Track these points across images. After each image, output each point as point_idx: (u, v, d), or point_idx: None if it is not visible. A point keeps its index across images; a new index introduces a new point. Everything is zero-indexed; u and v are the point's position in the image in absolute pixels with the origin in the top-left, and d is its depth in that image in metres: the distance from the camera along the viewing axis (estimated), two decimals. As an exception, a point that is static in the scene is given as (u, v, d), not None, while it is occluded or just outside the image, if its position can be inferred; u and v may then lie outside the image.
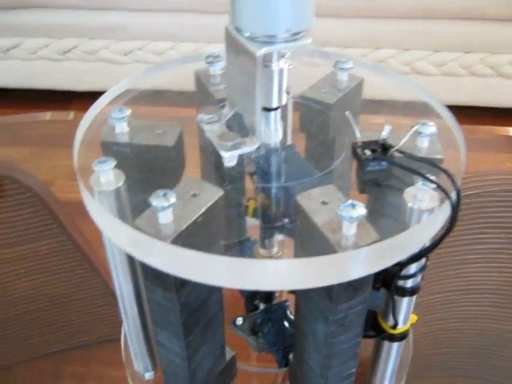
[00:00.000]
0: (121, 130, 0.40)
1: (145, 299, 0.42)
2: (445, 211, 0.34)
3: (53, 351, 0.67)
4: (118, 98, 0.44)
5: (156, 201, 0.32)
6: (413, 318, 0.42)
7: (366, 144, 0.36)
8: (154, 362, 0.48)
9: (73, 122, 0.94)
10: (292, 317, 0.47)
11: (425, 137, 0.38)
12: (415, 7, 1.22)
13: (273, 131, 0.39)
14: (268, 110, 0.37)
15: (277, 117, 0.38)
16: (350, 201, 0.31)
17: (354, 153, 0.36)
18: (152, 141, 0.39)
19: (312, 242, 0.34)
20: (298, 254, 0.37)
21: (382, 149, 0.35)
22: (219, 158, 0.36)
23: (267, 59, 0.35)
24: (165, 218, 0.32)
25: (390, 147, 0.35)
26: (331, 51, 0.47)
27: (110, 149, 0.40)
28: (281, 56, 0.36)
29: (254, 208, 0.42)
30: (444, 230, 0.35)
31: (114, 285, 0.42)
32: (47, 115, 1.03)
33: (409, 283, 0.39)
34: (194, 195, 0.34)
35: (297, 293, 0.39)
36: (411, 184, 0.34)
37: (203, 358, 0.40)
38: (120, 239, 0.34)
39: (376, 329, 0.41)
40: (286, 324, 0.47)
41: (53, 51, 1.40)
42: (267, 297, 0.48)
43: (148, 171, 0.39)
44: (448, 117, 0.41)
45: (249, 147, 0.36)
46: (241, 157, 0.38)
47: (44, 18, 1.35)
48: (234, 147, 0.36)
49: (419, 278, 0.39)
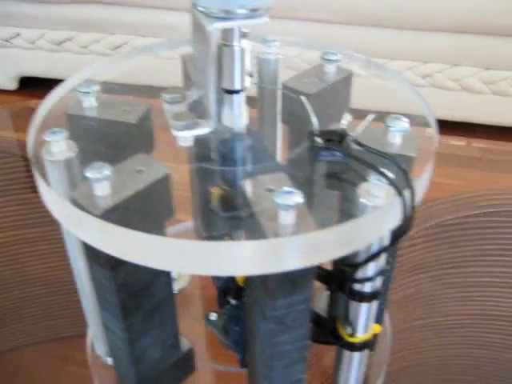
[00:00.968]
0: (88, 104, 0.39)
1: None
2: (395, 209, 0.31)
3: (63, 336, 0.67)
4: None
5: (90, 172, 0.31)
6: (376, 328, 0.39)
7: (324, 133, 0.34)
8: (117, 348, 0.47)
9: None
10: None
11: (395, 132, 0.36)
12: (467, 21, 1.17)
13: (236, 115, 0.37)
14: (230, 93, 0.36)
15: (240, 100, 0.37)
16: (287, 188, 0.29)
17: (310, 142, 0.34)
18: (115, 116, 0.39)
19: (253, 230, 0.32)
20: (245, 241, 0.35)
21: (339, 139, 0.33)
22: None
23: (228, 38, 0.34)
24: (100, 191, 0.31)
25: (347, 137, 0.33)
26: (324, 43, 0.45)
27: (76, 122, 0.39)
28: (243, 35, 0.34)
29: (217, 196, 0.40)
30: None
31: (71, 263, 0.41)
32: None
33: (367, 287, 0.36)
34: (139, 171, 0.33)
35: (246, 288, 0.37)
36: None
37: (150, 346, 0.39)
38: (57, 212, 0.33)
39: (335, 335, 0.39)
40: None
41: (103, 46, 1.43)
42: (236, 293, 0.47)
43: (109, 147, 0.39)
44: (432, 122, 0.38)
45: (202, 129, 0.35)
46: (206, 139, 0.37)
47: (99, 14, 1.39)
48: (186, 127, 0.34)
49: (378, 283, 0.36)
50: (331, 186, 0.36)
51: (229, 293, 0.48)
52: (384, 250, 0.33)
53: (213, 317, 0.48)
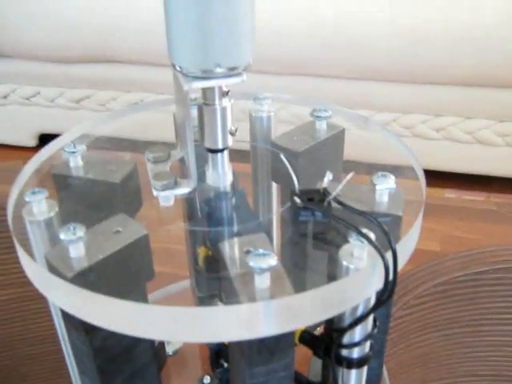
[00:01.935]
0: (73, 164, 0.39)
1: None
2: (379, 272, 0.30)
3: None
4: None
5: (64, 234, 0.30)
6: (368, 395, 0.37)
7: (305, 192, 0.33)
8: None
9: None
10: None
11: (382, 190, 0.35)
12: (477, 74, 1.17)
13: (220, 174, 0.36)
14: (213, 152, 0.36)
15: (224, 159, 0.36)
16: (262, 250, 0.28)
17: (292, 201, 0.33)
18: (99, 176, 0.38)
19: (230, 293, 0.31)
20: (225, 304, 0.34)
21: (320, 198, 0.32)
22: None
23: (209, 97, 0.34)
24: (75, 253, 0.31)
25: (328, 196, 0.32)
26: (316, 99, 0.45)
27: (61, 182, 0.39)
28: (223, 94, 0.34)
29: (204, 256, 0.39)
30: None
31: (55, 325, 0.40)
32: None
33: (355, 353, 0.34)
34: (117, 232, 0.33)
35: (229, 355, 0.36)
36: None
37: (132, 413, 0.37)
38: (30, 273, 0.32)
39: (326, 402, 0.37)
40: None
41: (120, 103, 1.45)
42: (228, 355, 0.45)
43: (92, 206, 0.38)
44: (421, 177, 0.37)
45: (183, 189, 0.34)
46: (191, 199, 0.36)
47: (113, 72, 1.42)
48: (167, 187, 0.34)
49: (367, 348, 0.34)
50: (313, 247, 0.34)
51: (222, 355, 0.46)
52: (368, 314, 0.32)
53: (207, 380, 0.46)
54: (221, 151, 0.36)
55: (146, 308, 0.29)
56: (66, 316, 0.33)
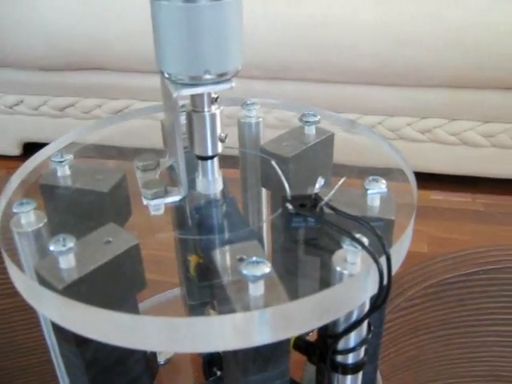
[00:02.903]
0: (61, 174, 0.39)
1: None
2: (373, 276, 0.30)
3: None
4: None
5: (54, 245, 0.30)
6: (364, 401, 0.37)
7: (297, 198, 0.33)
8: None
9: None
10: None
11: (373, 195, 0.34)
12: (463, 76, 1.18)
13: (210, 181, 0.36)
14: (203, 159, 0.35)
15: (214, 166, 0.36)
16: (255, 258, 0.28)
17: (283, 207, 0.33)
18: (87, 185, 0.38)
19: (223, 301, 0.31)
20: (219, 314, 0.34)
21: (312, 204, 0.32)
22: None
23: (198, 104, 0.34)
24: (65, 264, 0.30)
25: (320, 202, 0.32)
26: (304, 104, 0.45)
27: (49, 192, 0.38)
28: (212, 101, 0.34)
29: (195, 264, 0.39)
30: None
31: (45, 338, 0.40)
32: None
33: (350, 358, 0.34)
34: (107, 242, 0.32)
35: (223, 364, 0.35)
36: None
37: (125, 425, 0.37)
38: (19, 285, 0.32)
39: (321, 409, 0.37)
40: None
41: (106, 111, 1.44)
42: (222, 363, 0.45)
43: (80, 216, 0.38)
44: (412, 181, 0.37)
45: (173, 197, 0.34)
46: (182, 206, 0.36)
47: (99, 79, 1.41)
48: (156, 196, 0.33)
49: (362, 353, 0.34)
50: (305, 253, 0.34)
51: (214, 364, 0.46)
52: (363, 320, 0.31)
53: (199, 389, 0.46)
54: (210, 158, 0.35)
55: (140, 319, 0.28)
56: (57, 328, 0.32)
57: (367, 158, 0.46)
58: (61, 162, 0.38)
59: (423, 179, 0.45)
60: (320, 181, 0.33)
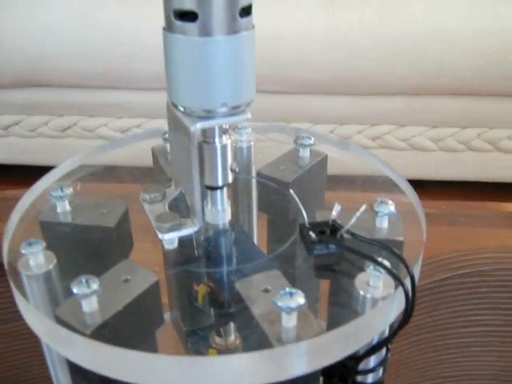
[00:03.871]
0: (62, 209, 0.38)
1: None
2: (401, 297, 0.31)
3: None
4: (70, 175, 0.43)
5: (77, 287, 0.29)
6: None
7: (315, 225, 0.33)
8: None
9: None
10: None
11: (383, 216, 0.35)
12: (411, 84, 1.22)
13: (219, 211, 0.36)
14: (213, 189, 0.35)
15: (223, 196, 0.36)
16: (288, 289, 0.28)
17: (302, 235, 0.33)
18: (92, 221, 0.37)
19: (252, 334, 0.31)
20: (245, 347, 0.34)
21: (331, 230, 0.33)
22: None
23: (209, 135, 0.34)
24: (88, 307, 0.29)
25: (340, 228, 0.33)
26: (294, 127, 0.45)
27: (48, 229, 0.37)
28: (223, 132, 0.34)
29: (204, 294, 0.39)
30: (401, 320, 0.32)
31: (52, 378, 0.38)
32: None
33: (369, 378, 0.35)
34: (126, 280, 0.32)
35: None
36: (364, 268, 0.31)
37: None
38: (41, 330, 0.31)
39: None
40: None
41: (52, 128, 1.41)
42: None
43: (87, 254, 0.37)
44: (411, 194, 0.38)
45: (188, 229, 0.34)
46: (189, 238, 0.35)
47: (45, 96, 1.37)
48: (172, 229, 0.33)
49: (381, 372, 0.35)
50: (327, 279, 0.35)
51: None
52: (386, 342, 0.32)
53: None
54: (220, 188, 0.35)
55: (173, 359, 0.28)
56: (78, 372, 0.31)
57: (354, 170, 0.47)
58: (61, 197, 0.37)
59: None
60: (336, 207, 0.33)
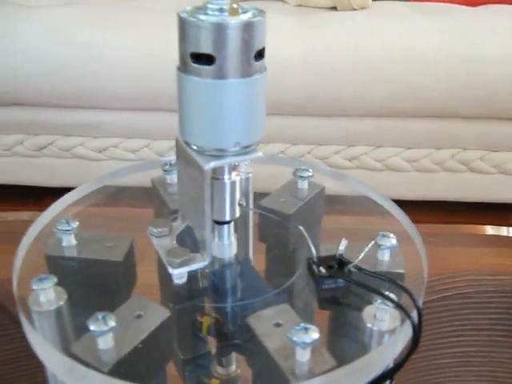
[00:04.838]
0: (67, 243, 0.38)
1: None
2: (407, 329, 0.32)
3: None
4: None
5: (94, 324, 0.29)
6: None
7: (322, 260, 0.34)
8: None
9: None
10: None
11: (385, 249, 0.37)
12: (385, 106, 1.25)
13: (226, 245, 0.37)
14: (220, 224, 0.36)
15: (230, 230, 0.37)
16: (303, 324, 0.29)
17: (310, 269, 0.34)
18: (100, 255, 0.37)
19: (265, 368, 0.31)
20: (255, 380, 0.34)
21: (339, 265, 0.34)
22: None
23: (218, 172, 0.34)
24: (104, 344, 0.30)
25: (347, 263, 0.34)
26: (292, 159, 0.46)
27: (55, 263, 0.37)
28: (232, 168, 0.35)
29: (208, 325, 0.39)
30: (408, 350, 0.33)
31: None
32: (24, 215, 1.00)
33: (373, 407, 0.36)
34: (139, 316, 0.32)
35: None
36: (371, 302, 0.32)
37: None
38: (56, 367, 0.31)
39: None
40: None
41: (28, 147, 1.39)
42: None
43: (96, 288, 0.37)
44: (407, 224, 0.40)
45: (198, 264, 0.34)
46: (195, 271, 0.36)
47: (20, 116, 1.36)
48: (183, 264, 0.34)
49: (384, 402, 0.36)
50: (336, 314, 0.36)
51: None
52: (393, 373, 0.33)
53: None
54: (227, 223, 0.36)
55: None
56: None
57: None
58: (68, 231, 0.37)
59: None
60: (343, 242, 0.34)
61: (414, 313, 0.32)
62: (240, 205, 0.35)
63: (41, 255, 0.38)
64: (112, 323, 0.29)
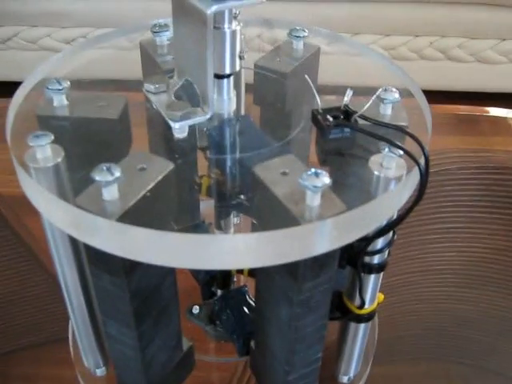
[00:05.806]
0: (59, 103, 0.36)
1: (92, 288, 0.39)
2: (412, 180, 0.32)
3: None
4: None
5: (99, 175, 0.28)
6: (380, 297, 0.40)
7: (327, 111, 0.33)
8: (106, 357, 0.44)
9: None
10: (252, 302, 0.44)
11: (388, 103, 0.36)
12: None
13: (226, 100, 0.36)
14: (220, 77, 0.35)
15: (230, 85, 0.35)
16: (314, 169, 0.29)
17: (315, 120, 0.33)
18: (94, 113, 0.36)
19: (273, 217, 0.31)
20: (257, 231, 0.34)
21: (345, 115, 0.33)
22: (168, 130, 0.33)
23: (218, 20, 0.33)
24: (109, 195, 0.29)
25: (353, 113, 0.33)
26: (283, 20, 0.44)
27: (48, 124, 0.36)
28: (233, 17, 0.33)
29: (208, 186, 0.39)
30: (411, 202, 0.33)
31: (58, 274, 0.38)
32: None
33: (375, 259, 0.36)
34: (142, 169, 0.31)
35: (257, 274, 0.36)
36: (376, 152, 0.32)
37: (158, 350, 0.37)
38: (60, 220, 0.30)
39: (342, 310, 0.39)
40: (246, 310, 0.44)
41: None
42: (224, 282, 0.46)
43: (91, 147, 0.36)
44: (409, 83, 0.39)
45: (200, 117, 0.33)
46: (192, 128, 0.35)
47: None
48: (184, 117, 0.33)
49: (386, 254, 0.37)
50: (342, 163, 0.35)
51: (213, 284, 0.47)
52: (398, 223, 0.34)
53: (196, 310, 0.47)
54: (227, 77, 0.35)
55: (202, 238, 0.28)
56: (100, 261, 0.31)
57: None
58: (59, 90, 0.36)
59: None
60: (349, 92, 0.33)
61: (422, 159, 0.32)
62: (240, 57, 0.34)
63: (31, 117, 0.36)
64: (117, 173, 0.29)
